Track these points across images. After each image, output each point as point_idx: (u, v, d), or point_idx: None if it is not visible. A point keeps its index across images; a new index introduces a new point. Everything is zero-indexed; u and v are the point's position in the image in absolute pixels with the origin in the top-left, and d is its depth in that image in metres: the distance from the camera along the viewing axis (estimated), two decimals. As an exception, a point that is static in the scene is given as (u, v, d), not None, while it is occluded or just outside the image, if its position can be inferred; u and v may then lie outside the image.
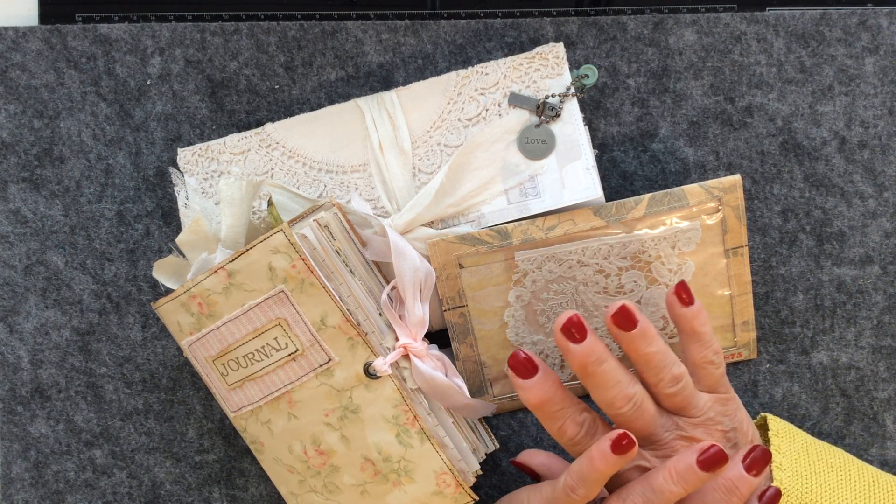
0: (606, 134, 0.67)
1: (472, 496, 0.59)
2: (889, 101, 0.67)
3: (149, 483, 0.67)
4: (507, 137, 0.63)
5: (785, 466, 0.57)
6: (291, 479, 0.60)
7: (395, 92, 0.64)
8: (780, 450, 0.58)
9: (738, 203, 0.62)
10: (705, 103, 0.67)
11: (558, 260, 0.62)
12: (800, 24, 0.67)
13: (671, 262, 0.63)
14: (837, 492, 0.57)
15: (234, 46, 0.67)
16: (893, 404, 0.67)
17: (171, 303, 0.59)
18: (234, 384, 0.59)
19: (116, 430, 0.67)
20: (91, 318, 0.67)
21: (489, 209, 0.62)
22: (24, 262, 0.67)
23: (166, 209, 0.67)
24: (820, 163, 0.67)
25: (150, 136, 0.67)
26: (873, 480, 0.58)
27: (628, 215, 0.62)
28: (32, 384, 0.67)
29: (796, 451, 0.58)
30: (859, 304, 0.67)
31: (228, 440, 0.67)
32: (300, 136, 0.64)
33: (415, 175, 0.63)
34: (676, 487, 0.51)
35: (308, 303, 0.56)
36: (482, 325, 0.63)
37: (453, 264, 0.62)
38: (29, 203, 0.67)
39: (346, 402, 0.57)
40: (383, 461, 0.58)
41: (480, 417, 0.63)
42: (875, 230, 0.67)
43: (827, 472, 0.57)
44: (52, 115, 0.67)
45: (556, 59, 0.63)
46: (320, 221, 0.57)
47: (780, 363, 0.67)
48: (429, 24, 0.66)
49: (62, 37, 0.67)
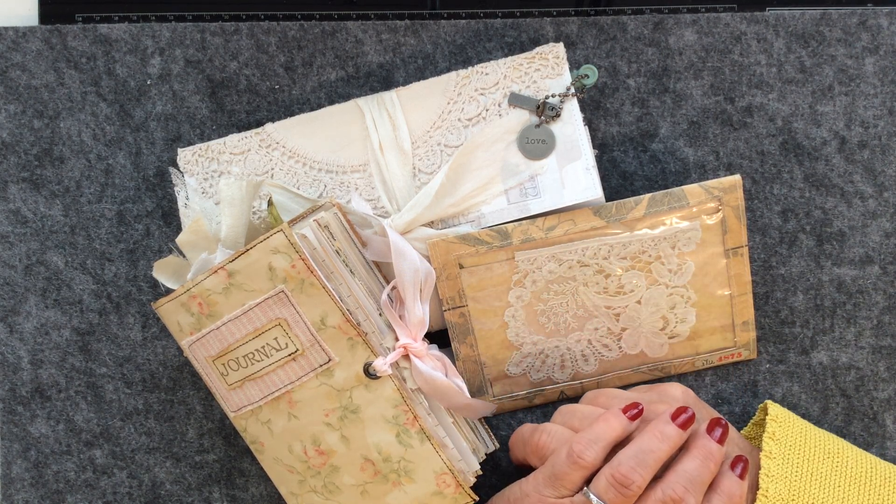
0: (606, 134, 0.67)
1: (472, 496, 0.59)
2: (889, 101, 0.67)
3: (149, 483, 0.67)
4: (507, 137, 0.63)
5: (775, 454, 0.57)
6: (291, 479, 0.60)
7: (395, 92, 0.64)
8: (774, 436, 0.58)
9: (738, 203, 0.62)
10: (705, 103, 0.67)
11: (558, 260, 0.62)
12: (800, 24, 0.67)
13: (671, 262, 0.63)
14: (831, 479, 0.57)
15: (234, 46, 0.67)
16: (893, 404, 0.67)
17: (171, 303, 0.59)
18: (234, 384, 0.59)
19: (116, 430, 0.67)
20: (91, 318, 0.67)
21: (489, 209, 0.62)
22: (24, 262, 0.67)
23: (166, 209, 0.67)
24: (820, 163, 0.67)
25: (150, 136, 0.67)
26: (871, 469, 0.58)
27: (628, 215, 0.62)
28: (32, 384, 0.67)
29: (792, 437, 0.58)
30: (859, 304, 0.67)
31: (228, 440, 0.67)
32: (300, 136, 0.64)
33: (415, 175, 0.63)
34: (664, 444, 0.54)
35: (308, 303, 0.56)
36: (482, 325, 0.63)
37: (453, 264, 0.62)
38: (29, 203, 0.67)
39: (346, 402, 0.57)
40: (383, 461, 0.58)
41: (480, 417, 0.63)
42: (875, 230, 0.67)
43: (822, 459, 0.57)
44: (52, 115, 0.67)
45: (556, 59, 0.63)
46: (320, 221, 0.57)
47: (780, 363, 0.67)
48: (429, 24, 0.66)
49: (62, 37, 0.67)
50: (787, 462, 0.57)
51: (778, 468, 0.56)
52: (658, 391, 0.59)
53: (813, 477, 0.57)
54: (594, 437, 0.54)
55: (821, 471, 0.57)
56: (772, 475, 0.56)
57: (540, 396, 0.65)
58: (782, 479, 0.56)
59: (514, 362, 0.64)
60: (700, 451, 0.54)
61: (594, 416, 0.57)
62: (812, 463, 0.57)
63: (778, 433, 0.58)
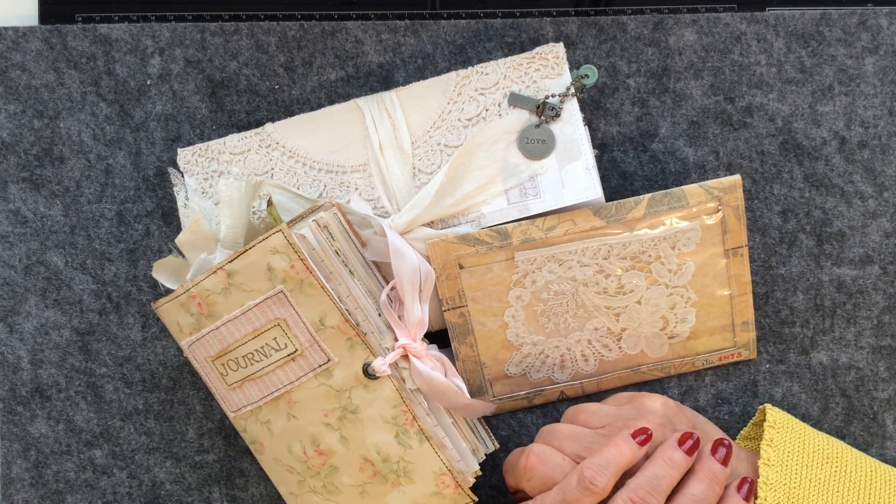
0: (606, 134, 0.67)
1: (472, 497, 0.59)
2: (889, 101, 0.67)
3: (149, 483, 0.67)
4: (507, 137, 0.63)
5: (773, 461, 0.57)
6: (291, 480, 0.60)
7: (395, 92, 0.64)
8: (772, 443, 0.57)
9: (737, 203, 0.62)
10: (705, 103, 0.67)
11: (558, 260, 0.62)
12: (800, 24, 0.67)
13: (671, 263, 0.63)
14: (830, 485, 0.57)
15: (234, 46, 0.67)
16: (893, 404, 0.67)
17: (170, 303, 0.59)
18: (233, 384, 0.59)
19: (116, 430, 0.67)
20: (91, 318, 0.67)
21: (489, 209, 0.62)
22: (24, 262, 0.67)
23: (166, 209, 0.67)
24: (820, 163, 0.67)
25: (150, 136, 0.67)
26: (871, 473, 0.58)
27: (628, 215, 0.62)
28: (32, 384, 0.67)
29: (790, 444, 0.58)
30: (859, 304, 0.67)
31: (228, 440, 0.67)
32: (300, 136, 0.64)
33: (415, 175, 0.63)
34: (673, 471, 0.54)
35: (307, 303, 0.56)
36: (482, 325, 0.63)
37: (453, 264, 0.62)
38: (29, 203, 0.67)
39: (346, 402, 0.57)
40: (382, 462, 0.58)
41: (480, 418, 0.63)
42: (875, 230, 0.67)
43: (821, 465, 0.57)
44: (52, 115, 0.67)
45: (556, 59, 0.63)
46: (319, 222, 0.57)
47: (780, 363, 0.67)
48: (429, 24, 0.66)
49: (62, 37, 0.67)
50: (785, 469, 0.56)
51: (776, 476, 0.56)
52: (637, 405, 0.58)
53: (812, 483, 0.56)
54: (605, 462, 0.54)
55: (819, 476, 0.57)
56: (770, 483, 0.56)
57: (540, 396, 0.65)
58: (781, 487, 0.56)
59: (514, 362, 0.64)
60: (705, 473, 0.54)
61: (575, 435, 0.56)
62: (811, 469, 0.57)
63: (776, 440, 0.58)
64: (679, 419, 0.57)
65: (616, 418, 0.57)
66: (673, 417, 0.57)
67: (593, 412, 0.58)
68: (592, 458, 0.54)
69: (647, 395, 0.58)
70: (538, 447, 0.56)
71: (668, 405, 0.58)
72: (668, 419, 0.57)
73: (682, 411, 0.58)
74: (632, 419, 0.56)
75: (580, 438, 0.56)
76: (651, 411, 0.57)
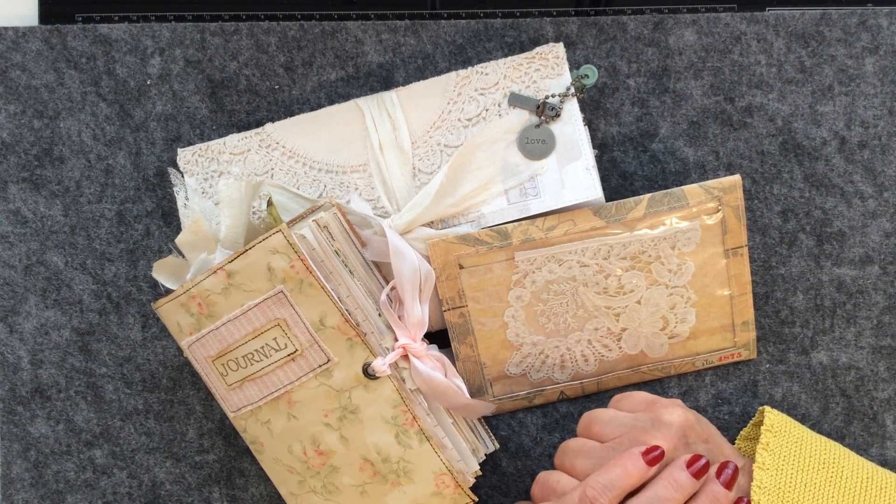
0: (606, 134, 0.67)
1: (471, 497, 0.59)
2: (889, 101, 0.67)
3: (149, 483, 0.67)
4: (507, 137, 0.63)
5: (768, 465, 0.56)
6: (291, 480, 0.60)
7: (395, 92, 0.64)
8: (768, 447, 0.57)
9: (737, 203, 0.62)
10: (705, 103, 0.67)
11: (558, 260, 0.62)
12: (800, 24, 0.67)
13: (671, 263, 0.63)
14: (824, 490, 0.56)
15: (234, 46, 0.67)
16: (893, 404, 0.67)
17: (170, 303, 0.59)
18: (233, 384, 0.59)
19: (116, 430, 0.67)
20: (91, 318, 0.67)
21: (489, 209, 0.62)
22: (24, 262, 0.67)
23: (166, 209, 0.67)
24: (820, 163, 0.67)
25: (150, 136, 0.67)
26: (868, 478, 0.58)
27: (628, 215, 0.62)
28: (32, 384, 0.67)
29: (786, 448, 0.57)
30: (859, 304, 0.67)
31: (228, 440, 0.67)
32: (300, 136, 0.64)
33: (415, 175, 0.63)
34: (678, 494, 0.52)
35: (307, 303, 0.56)
36: (482, 325, 0.63)
37: (453, 264, 0.62)
38: (29, 203, 0.67)
39: (346, 402, 0.57)
40: (382, 462, 0.58)
41: (480, 418, 0.63)
42: (875, 230, 0.67)
43: (817, 469, 0.57)
44: (52, 115, 0.67)
45: (556, 59, 0.63)
46: (319, 222, 0.57)
47: (780, 363, 0.67)
48: (429, 24, 0.66)
49: (62, 37, 0.67)
50: (779, 473, 0.56)
51: (770, 480, 0.56)
52: (654, 415, 0.55)
53: (806, 488, 0.56)
54: (609, 483, 0.52)
55: (815, 481, 0.56)
56: (764, 487, 0.55)
57: (540, 396, 0.65)
58: (775, 492, 0.55)
59: (514, 362, 0.64)
60: (708, 496, 0.53)
61: (586, 452, 0.55)
62: (806, 473, 0.57)
63: (772, 444, 0.57)
64: (693, 433, 0.55)
65: (630, 429, 0.55)
66: (688, 431, 0.55)
67: (607, 422, 0.56)
68: (597, 475, 0.53)
69: (666, 405, 0.56)
70: (542, 476, 0.55)
71: (686, 419, 0.55)
72: (684, 433, 0.55)
73: (699, 424, 0.56)
74: (646, 432, 0.54)
75: (590, 455, 0.55)
76: (667, 424, 0.55)
